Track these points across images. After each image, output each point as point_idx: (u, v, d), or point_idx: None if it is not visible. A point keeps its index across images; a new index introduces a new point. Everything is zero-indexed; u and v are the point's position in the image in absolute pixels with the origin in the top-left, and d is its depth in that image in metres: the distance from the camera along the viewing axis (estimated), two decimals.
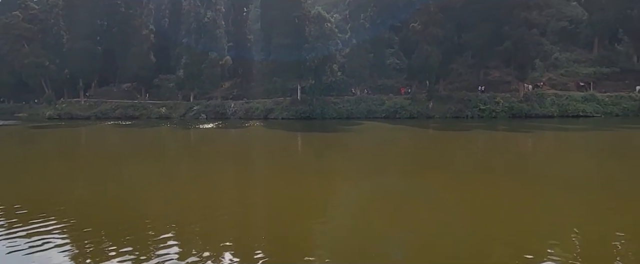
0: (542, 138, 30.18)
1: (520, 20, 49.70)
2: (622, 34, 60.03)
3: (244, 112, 58.64)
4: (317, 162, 20.00)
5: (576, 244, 7.74)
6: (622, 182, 13.54)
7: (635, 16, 56.58)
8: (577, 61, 59.42)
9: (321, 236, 8.54)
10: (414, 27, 52.76)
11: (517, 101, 50.70)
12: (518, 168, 17.25)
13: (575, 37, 62.58)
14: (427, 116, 51.02)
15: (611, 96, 50.56)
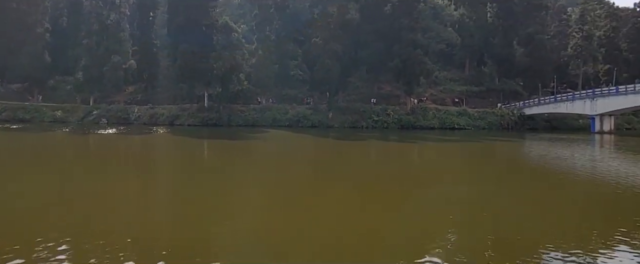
0: (425, 148, 32.82)
1: (408, 41, 53.70)
2: (487, 58, 67.59)
3: (148, 117, 55.24)
4: (225, 169, 19.51)
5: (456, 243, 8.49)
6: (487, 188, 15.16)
7: (496, 43, 64.29)
8: (453, 80, 65.74)
9: (222, 241, 8.41)
10: (315, 42, 54.16)
11: (405, 113, 54.55)
12: (403, 175, 18.43)
13: (451, 58, 69.07)
14: (327, 126, 52.64)
15: (479, 111, 56.72)
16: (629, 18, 73.47)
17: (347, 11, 55.72)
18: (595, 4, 76.43)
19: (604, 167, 20.71)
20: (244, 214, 11.08)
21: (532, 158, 26.15)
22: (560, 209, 11.96)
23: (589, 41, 67.95)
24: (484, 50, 66.19)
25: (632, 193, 13.83)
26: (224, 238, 8.93)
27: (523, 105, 58.18)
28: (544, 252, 7.74)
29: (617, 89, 50.15)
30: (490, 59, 66.70)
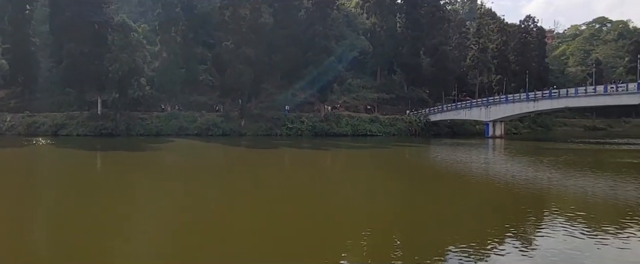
0: (337, 155, 35.13)
1: (322, 48, 56.42)
2: (397, 66, 73.42)
3: (24, 127, 50.48)
4: (118, 183, 18.82)
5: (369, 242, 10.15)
6: (393, 192, 17.43)
7: (405, 53, 70.26)
8: (365, 87, 70.28)
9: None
10: (226, 46, 54.37)
11: (319, 120, 57.10)
12: (314, 182, 20.08)
13: (364, 66, 73.68)
14: (240, 134, 53.03)
15: (390, 118, 61.46)
16: (516, 33, 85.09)
17: (260, 15, 56.84)
18: (489, 19, 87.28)
19: (496, 169, 24.62)
20: (141, 235, 10.73)
21: (436, 162, 29.69)
22: (459, 207, 14.32)
23: (484, 53, 77.30)
24: (394, 59, 71.79)
25: (519, 191, 16.98)
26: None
27: (429, 112, 64.31)
28: (444, 246, 9.43)
29: (506, 97, 58.10)
30: (400, 68, 72.53)
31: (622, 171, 22.84)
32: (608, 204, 14.47)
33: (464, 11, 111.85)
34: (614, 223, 11.35)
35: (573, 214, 12.58)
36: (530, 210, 13.61)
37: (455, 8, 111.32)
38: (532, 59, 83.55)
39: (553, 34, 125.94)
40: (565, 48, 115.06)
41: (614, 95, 47.03)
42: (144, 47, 55.01)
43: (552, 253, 8.87)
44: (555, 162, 26.69)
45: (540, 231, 10.78)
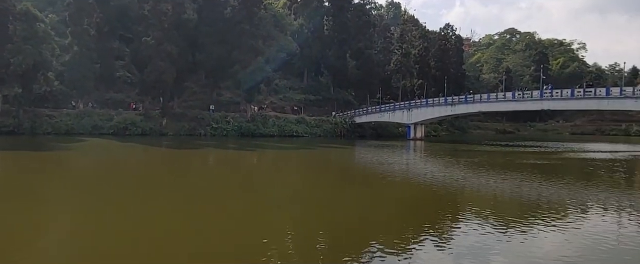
0: (263, 155, 34.93)
1: (248, 47, 55.72)
2: (324, 68, 74.66)
3: None
4: (12, 187, 17.30)
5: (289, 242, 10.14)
6: (320, 193, 17.66)
7: (332, 55, 71.68)
8: (292, 88, 70.68)
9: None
10: (146, 41, 51.81)
11: (245, 121, 56.36)
12: (239, 182, 19.82)
13: (291, 67, 73.99)
14: (161, 133, 50.80)
15: (316, 119, 62.30)
16: (436, 40, 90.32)
17: (184, 10, 54.94)
18: (411, 25, 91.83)
19: (417, 169, 25.94)
20: (45, 244, 10.09)
21: (360, 163, 30.63)
22: (382, 207, 14.85)
23: (407, 58, 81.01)
24: (321, 61, 72.92)
25: (437, 190, 17.99)
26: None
27: (354, 114, 66.12)
28: (367, 245, 9.78)
29: (427, 101, 61.47)
30: (327, 70, 73.85)
31: (526, 171, 25.10)
32: (514, 202, 15.82)
33: (388, 17, 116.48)
34: (518, 218, 12.46)
35: (484, 211, 13.62)
36: (447, 208, 14.51)
37: (381, 13, 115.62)
38: (450, 65, 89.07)
39: (470, 42, 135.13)
40: (480, 56, 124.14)
41: (520, 101, 51.61)
42: (52, 39, 50.68)
43: (465, 247, 9.57)
44: (470, 163, 28.68)
45: (455, 227, 11.52)
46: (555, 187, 18.49)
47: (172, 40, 52.00)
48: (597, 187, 18.96)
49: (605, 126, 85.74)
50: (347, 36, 71.89)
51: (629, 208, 14.23)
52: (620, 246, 9.67)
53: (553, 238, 10.31)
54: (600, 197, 16.29)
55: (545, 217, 12.44)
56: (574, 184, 19.90)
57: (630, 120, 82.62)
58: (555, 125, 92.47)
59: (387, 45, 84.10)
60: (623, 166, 29.17)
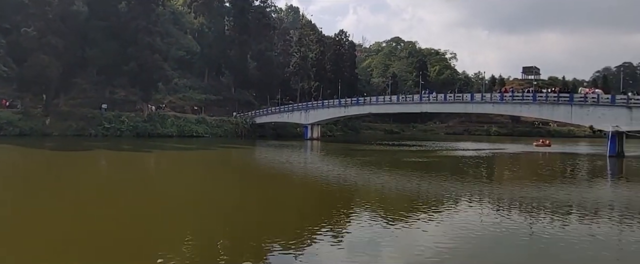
0: (162, 157, 33.06)
1: (145, 44, 52.27)
2: (225, 68, 72.96)
3: None
4: None
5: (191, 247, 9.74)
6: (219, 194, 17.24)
7: (233, 55, 70.31)
8: (192, 88, 67.93)
9: None
10: (27, 32, 45.91)
11: (142, 120, 52.77)
12: (134, 185, 18.55)
13: (191, 66, 71.18)
14: (44, 134, 45.39)
15: (217, 119, 60.62)
16: (332, 45, 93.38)
17: (72, 2, 49.69)
18: (309, 30, 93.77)
19: (314, 168, 26.60)
20: None
21: (260, 163, 30.55)
22: (280, 206, 14.94)
23: (305, 61, 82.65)
24: (222, 61, 71.07)
25: (333, 188, 18.61)
26: None
27: (255, 114, 65.64)
28: (266, 244, 9.75)
29: (323, 103, 63.30)
30: (228, 70, 72.22)
31: (410, 168, 27.17)
32: (400, 197, 17.02)
33: (288, 20, 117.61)
34: (404, 211, 13.44)
35: (375, 206, 14.47)
36: (342, 205, 15.10)
37: (281, 17, 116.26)
38: (345, 69, 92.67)
39: (362, 48, 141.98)
40: (371, 61, 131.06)
41: (404, 104, 55.58)
42: None
43: (358, 242, 10.03)
44: (362, 161, 30.20)
45: (349, 223, 12.05)
46: (433, 182, 20.31)
47: (57, 32, 46.77)
48: (465, 182, 21.22)
49: (472, 127, 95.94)
50: (248, 37, 71.07)
51: (488, 198, 16.18)
52: (485, 233, 10.95)
53: (433, 228, 11.28)
54: (467, 190, 18.26)
55: (426, 209, 13.61)
56: (447, 179, 22.00)
57: (490, 122, 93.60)
58: (433, 126, 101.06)
59: (286, 47, 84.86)
60: (485, 162, 33.02)
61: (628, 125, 34.54)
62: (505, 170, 28.81)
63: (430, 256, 8.78)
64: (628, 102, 35.05)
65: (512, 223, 12.05)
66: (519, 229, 11.29)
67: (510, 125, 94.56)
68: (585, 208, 14.52)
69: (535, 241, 10.30)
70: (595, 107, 36.66)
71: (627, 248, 9.90)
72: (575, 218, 13.06)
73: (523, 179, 23.02)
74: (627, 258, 9.32)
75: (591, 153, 41.82)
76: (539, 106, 41.00)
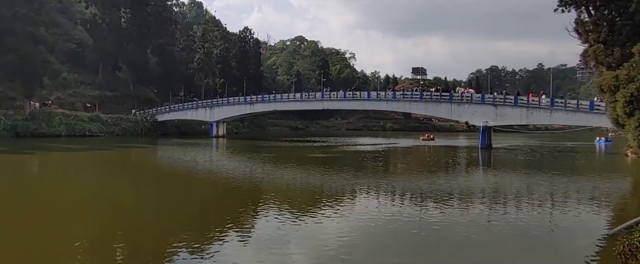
0: (48, 159, 29.69)
1: (27, 35, 46.33)
2: (122, 63, 67.55)
3: None
4: None
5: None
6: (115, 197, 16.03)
7: (131, 49, 65.37)
8: (85, 83, 61.74)
9: None
10: None
11: (23, 119, 46.69)
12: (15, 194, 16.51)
13: (83, 60, 64.62)
14: None
15: (113, 117, 55.94)
16: (237, 42, 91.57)
17: None
18: (213, 26, 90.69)
19: (220, 166, 26.05)
20: None
21: (163, 162, 28.99)
22: (186, 206, 14.49)
23: (209, 57, 79.94)
24: (118, 55, 65.62)
25: (239, 185, 18.38)
26: None
27: (156, 111, 61.88)
28: (170, 245, 9.33)
29: (228, 100, 61.94)
30: (125, 65, 66.91)
31: (314, 163, 27.94)
32: (305, 191, 17.49)
33: (191, 15, 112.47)
34: (309, 206, 13.88)
35: (282, 201, 14.69)
36: (249, 202, 15.07)
37: (183, 11, 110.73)
38: (250, 66, 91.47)
39: (267, 46, 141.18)
40: (276, 59, 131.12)
41: (307, 101, 56.74)
42: None
43: (265, 238, 10.15)
44: (268, 158, 30.30)
45: (256, 219, 12.13)
46: (336, 176, 21.17)
47: None
48: (364, 175, 22.50)
49: (370, 123, 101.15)
50: (147, 31, 66.59)
51: (384, 190, 17.40)
52: (382, 223, 11.78)
53: (336, 221, 11.77)
54: (366, 183, 19.40)
55: (329, 203, 14.18)
56: (348, 173, 23.09)
57: (386, 118, 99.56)
58: (335, 122, 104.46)
59: (190, 43, 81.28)
60: (381, 156, 35.24)
61: (495, 120, 39.30)
62: (398, 163, 31.08)
63: (334, 248, 9.22)
64: (494, 101, 39.86)
65: (405, 212, 13.14)
66: (411, 217, 12.35)
67: (403, 121, 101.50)
68: (462, 194, 16.32)
69: (424, 227, 11.36)
70: (469, 105, 41.08)
71: (493, 228, 11.40)
72: (455, 203, 14.64)
73: (412, 171, 25.07)
74: (494, 235, 10.76)
75: (467, 145, 46.82)
76: (425, 103, 44.75)
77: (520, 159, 32.70)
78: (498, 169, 26.94)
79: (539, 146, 44.73)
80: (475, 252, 9.34)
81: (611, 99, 22.19)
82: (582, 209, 13.90)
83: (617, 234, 9.28)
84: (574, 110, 35.67)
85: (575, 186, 19.24)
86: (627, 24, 21.23)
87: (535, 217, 12.62)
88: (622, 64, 21.03)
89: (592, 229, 10.79)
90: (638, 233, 7.71)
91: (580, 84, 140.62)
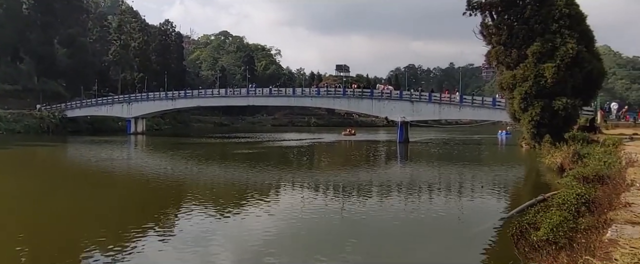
0: None
1: None
2: (24, 53, 60.78)
3: None
4: None
5: None
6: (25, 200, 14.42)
7: (34, 39, 59.02)
8: None
9: None
10: None
11: None
12: None
13: None
14: None
15: (14, 113, 50.23)
16: (157, 35, 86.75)
17: None
18: (131, 17, 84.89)
19: (139, 165, 24.52)
20: None
21: (75, 161, 26.68)
22: (103, 207, 13.48)
23: (126, 50, 74.68)
24: (19, 45, 58.89)
25: (160, 184, 17.42)
26: None
27: (66, 107, 56.60)
28: (87, 248, 8.73)
29: (148, 95, 58.53)
30: (28, 56, 60.26)
31: (239, 159, 27.49)
32: (230, 188, 17.15)
33: (105, 4, 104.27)
34: (234, 202, 13.65)
35: (205, 199, 14.27)
36: (170, 201, 14.45)
37: (96, 0, 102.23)
38: (172, 61, 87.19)
39: (190, 40, 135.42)
40: (200, 53, 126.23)
41: (232, 97, 55.47)
42: None
43: (188, 236, 9.80)
44: (192, 155, 29.20)
45: (179, 218, 11.66)
46: (261, 172, 21.03)
47: None
48: (289, 170, 22.62)
49: (296, 119, 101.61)
50: (53, 19, 60.60)
51: (308, 184, 17.65)
52: (306, 217, 11.93)
53: (261, 217, 11.72)
54: (291, 177, 19.53)
55: (255, 199, 14.08)
56: (273, 168, 23.04)
57: (311, 114, 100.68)
58: (261, 118, 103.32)
59: (104, 34, 75.46)
60: (306, 151, 35.64)
61: (411, 116, 41.56)
62: (322, 157, 31.66)
63: (259, 244, 9.18)
64: (411, 98, 42.13)
65: (328, 205, 13.44)
66: (333, 210, 12.68)
67: (327, 116, 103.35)
68: (382, 186, 17.09)
69: (346, 219, 11.72)
70: (389, 101, 43.00)
71: (409, 216, 12.12)
72: (376, 195, 15.30)
73: (336, 165, 25.69)
74: (409, 223, 11.43)
75: (386, 140, 49.03)
76: (348, 100, 46.01)
77: (434, 151, 34.99)
78: (414, 161, 28.60)
79: (450, 139, 48.18)
80: (393, 240, 9.87)
81: (510, 96, 24.54)
82: (485, 195, 15.27)
83: (512, 217, 10.34)
84: (479, 106, 38.88)
85: (480, 175, 21.07)
86: (523, 28, 23.52)
87: (445, 204, 13.63)
88: (519, 65, 23.36)
89: (493, 214, 11.89)
90: (528, 215, 8.67)
91: (485, 82, 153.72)
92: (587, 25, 24.33)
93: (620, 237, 4.51)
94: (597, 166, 11.98)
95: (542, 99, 22.25)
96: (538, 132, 23.01)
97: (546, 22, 23.02)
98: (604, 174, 10.12)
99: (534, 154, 23.65)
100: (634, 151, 13.96)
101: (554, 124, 22.38)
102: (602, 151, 15.78)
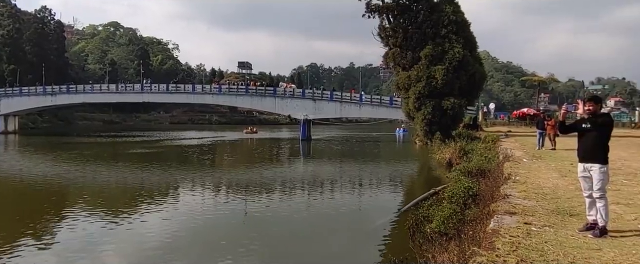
0: None
1: None
2: None
3: None
4: None
5: None
6: None
7: None
8: None
9: None
10: None
11: None
12: None
13: None
14: None
15: None
16: (31, 22, 76.26)
17: None
18: None
19: (10, 168, 21.30)
20: None
21: None
22: None
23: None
24: None
25: (40, 189, 15.22)
26: None
27: None
28: None
29: (21, 90, 51.24)
30: None
31: (133, 160, 25.35)
32: (121, 190, 15.72)
33: None
34: (126, 205, 12.53)
35: (93, 203, 12.92)
36: (51, 206, 12.88)
37: None
38: (51, 52, 77.29)
39: (73, 30, 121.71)
40: (85, 45, 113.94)
41: (124, 93, 51.13)
42: None
43: (74, 242, 8.90)
44: (76, 155, 26.23)
45: (62, 223, 10.52)
46: (157, 173, 19.62)
47: None
48: (188, 170, 21.48)
49: (196, 117, 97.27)
50: None
51: (209, 184, 16.90)
52: (206, 217, 11.34)
53: (157, 219, 10.98)
54: (190, 177, 18.56)
55: (150, 201, 13.10)
56: (171, 168, 21.70)
57: (212, 111, 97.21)
58: (157, 116, 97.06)
59: None
60: (207, 150, 34.25)
61: (314, 114, 42.35)
62: (224, 156, 30.73)
63: (155, 248, 8.56)
64: (314, 96, 42.92)
65: (229, 204, 13.01)
66: (235, 209, 12.29)
67: (229, 114, 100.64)
68: (285, 183, 17.04)
69: (248, 218, 11.42)
70: (292, 99, 43.31)
71: (312, 212, 12.22)
72: (278, 193, 15.18)
73: (238, 164, 25.08)
74: (312, 219, 11.53)
75: (289, 137, 49.36)
76: (251, 97, 45.34)
77: (336, 148, 36.08)
78: (317, 158, 29.14)
79: (351, 137, 50.18)
80: (296, 237, 9.83)
81: (405, 95, 26.25)
82: (383, 189, 16.07)
83: (408, 210, 10.94)
84: (378, 105, 41.04)
85: (378, 171, 22.20)
86: (416, 32, 25.30)
87: (347, 200, 14.03)
88: (413, 66, 25.06)
89: (391, 207, 12.53)
90: (422, 208, 9.20)
91: (383, 82, 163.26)
92: (471, 31, 27.01)
93: (501, 227, 4.88)
94: (479, 161, 13.24)
95: (433, 99, 24.17)
96: (430, 129, 24.94)
97: (437, 27, 25.03)
98: (485, 169, 11.18)
99: (427, 150, 25.59)
100: (509, 147, 15.78)
101: (444, 122, 24.48)
102: (484, 147, 17.55)
